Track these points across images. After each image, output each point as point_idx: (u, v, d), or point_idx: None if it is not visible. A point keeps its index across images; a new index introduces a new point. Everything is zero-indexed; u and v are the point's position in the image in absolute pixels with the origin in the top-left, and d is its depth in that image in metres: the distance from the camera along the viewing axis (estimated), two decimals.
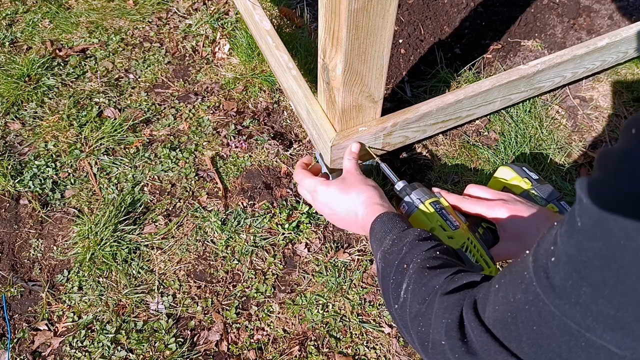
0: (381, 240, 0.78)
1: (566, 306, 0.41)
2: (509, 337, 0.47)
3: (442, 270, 0.65)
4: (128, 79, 1.65)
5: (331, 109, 1.14)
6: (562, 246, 0.41)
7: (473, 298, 0.54)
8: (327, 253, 1.32)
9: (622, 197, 0.36)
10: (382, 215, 0.83)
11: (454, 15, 1.74)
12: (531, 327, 0.44)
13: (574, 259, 0.39)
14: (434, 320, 0.58)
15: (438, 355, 0.55)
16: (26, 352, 1.19)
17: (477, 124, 1.52)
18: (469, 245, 0.87)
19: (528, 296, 0.44)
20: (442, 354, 0.54)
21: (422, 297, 0.62)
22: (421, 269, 0.67)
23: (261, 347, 1.21)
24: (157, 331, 1.22)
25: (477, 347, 0.50)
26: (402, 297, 0.66)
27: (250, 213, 1.37)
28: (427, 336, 0.58)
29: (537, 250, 0.45)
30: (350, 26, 0.90)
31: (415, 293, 0.64)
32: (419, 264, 0.68)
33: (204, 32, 1.76)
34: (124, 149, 1.49)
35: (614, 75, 1.63)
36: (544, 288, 0.42)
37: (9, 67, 1.64)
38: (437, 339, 0.56)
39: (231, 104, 1.58)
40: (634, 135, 0.37)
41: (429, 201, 0.94)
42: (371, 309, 1.25)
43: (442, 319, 0.56)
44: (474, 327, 0.51)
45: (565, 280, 0.40)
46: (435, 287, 0.62)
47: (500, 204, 0.91)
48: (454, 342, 0.53)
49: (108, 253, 1.30)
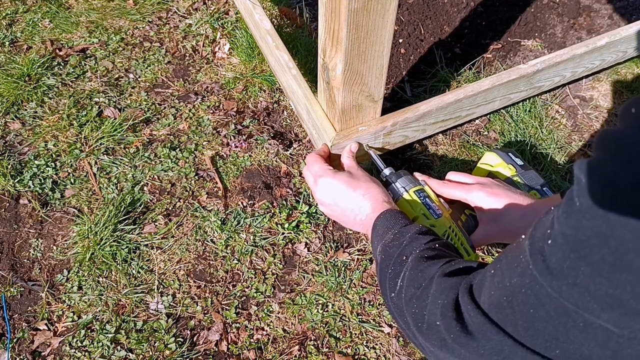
0: (382, 235, 0.79)
1: (563, 287, 0.41)
2: (505, 320, 0.48)
3: (439, 259, 0.66)
4: (128, 78, 1.65)
5: (331, 108, 1.14)
6: (559, 227, 0.40)
7: (469, 283, 0.55)
8: (327, 253, 1.32)
9: (622, 176, 0.36)
10: (386, 212, 0.83)
11: (454, 14, 1.74)
12: (527, 311, 0.44)
13: (571, 239, 0.39)
14: (430, 301, 0.58)
15: (433, 336, 0.56)
16: (26, 352, 1.19)
17: (477, 124, 1.52)
18: (450, 233, 0.87)
19: (524, 279, 0.44)
20: (438, 334, 0.55)
21: (419, 283, 0.63)
22: (419, 259, 0.68)
23: (261, 346, 1.21)
24: (157, 331, 1.22)
25: (473, 328, 0.51)
26: (398, 285, 0.67)
27: (250, 213, 1.37)
28: (421, 317, 0.59)
29: (533, 234, 0.45)
30: (351, 26, 0.90)
31: (412, 279, 0.65)
32: (416, 254, 0.69)
33: (204, 32, 1.76)
34: (123, 148, 1.49)
35: (614, 74, 1.63)
36: (541, 270, 0.42)
37: (9, 66, 1.64)
38: (432, 320, 0.56)
39: (231, 104, 1.58)
40: (633, 115, 0.38)
41: (414, 189, 0.94)
42: (371, 309, 1.25)
43: (438, 300, 0.56)
44: (469, 310, 0.51)
45: (563, 261, 0.40)
46: (432, 273, 0.63)
47: (478, 187, 0.91)
48: (449, 321, 0.53)
49: (108, 253, 1.30)
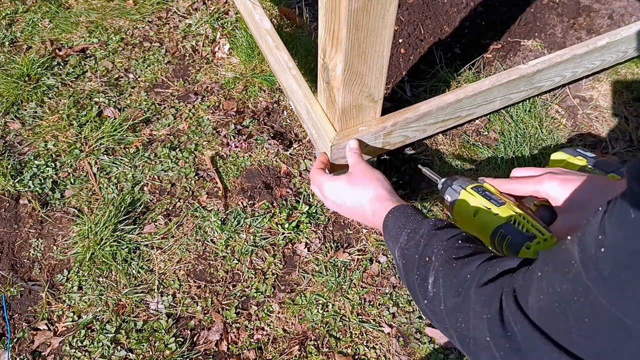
0: (396, 237, 0.76)
1: (618, 299, 0.39)
2: (557, 328, 0.45)
3: (470, 258, 0.62)
4: (128, 78, 1.65)
5: (331, 108, 1.14)
6: (613, 235, 0.38)
7: (512, 286, 0.52)
8: (327, 253, 1.32)
9: None
10: (393, 211, 0.80)
11: (453, 14, 1.74)
12: (582, 319, 0.42)
13: (625, 250, 0.37)
14: (473, 316, 0.55)
15: (483, 352, 0.53)
16: (26, 351, 1.19)
17: (477, 124, 1.52)
18: (517, 217, 0.81)
19: (577, 287, 0.42)
20: (488, 350, 0.52)
21: (455, 290, 0.59)
22: (447, 261, 0.64)
23: (261, 346, 1.21)
24: (157, 331, 1.22)
25: (521, 341, 0.49)
26: (430, 292, 0.64)
27: (250, 213, 1.37)
28: (467, 332, 0.56)
29: (582, 239, 0.43)
30: (350, 26, 0.90)
31: (447, 286, 0.61)
32: (442, 256, 0.65)
33: (204, 32, 1.76)
34: (123, 148, 1.49)
35: (614, 74, 1.63)
36: (594, 280, 0.40)
37: (9, 66, 1.64)
38: (480, 336, 0.53)
39: (231, 104, 1.58)
40: None
41: (471, 186, 0.91)
42: (371, 309, 1.25)
43: (482, 314, 0.53)
44: (516, 320, 0.49)
45: (617, 272, 0.38)
46: (466, 277, 0.59)
47: (549, 177, 0.82)
48: (497, 339, 0.51)
49: (108, 253, 1.30)
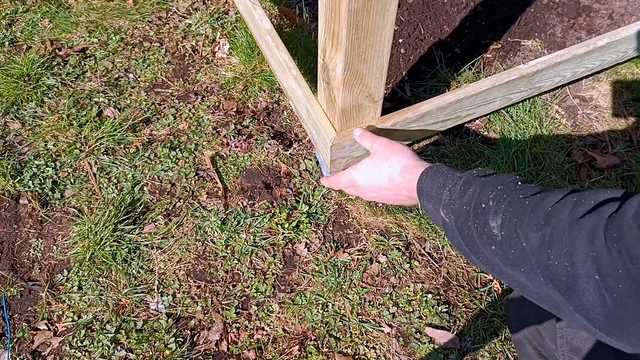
0: (437, 196, 0.73)
1: None
2: None
3: (544, 194, 0.59)
4: (128, 78, 1.65)
5: (331, 108, 1.14)
6: None
7: (627, 216, 0.47)
8: (327, 253, 1.32)
9: None
10: (427, 172, 0.79)
11: (453, 14, 1.74)
12: None
13: None
14: (572, 252, 0.51)
15: (586, 292, 0.49)
16: (26, 351, 1.19)
17: (477, 124, 1.52)
18: None
19: None
20: (595, 288, 0.49)
21: (537, 224, 0.55)
22: (515, 201, 0.60)
23: (261, 346, 1.21)
24: (157, 331, 1.22)
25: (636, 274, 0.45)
26: (498, 235, 0.60)
27: (250, 213, 1.37)
28: (562, 270, 0.51)
29: None
30: (350, 26, 0.90)
31: (525, 223, 0.57)
32: (506, 198, 0.62)
33: (204, 32, 1.76)
34: (123, 148, 1.49)
35: (614, 74, 1.63)
36: None
37: (9, 66, 1.64)
38: (585, 273, 0.49)
39: (231, 104, 1.58)
40: None
41: None
42: (371, 309, 1.25)
43: (587, 251, 0.49)
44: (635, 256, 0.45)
45: None
46: (548, 209, 0.55)
47: None
48: (607, 279, 0.47)
49: (108, 253, 1.30)
